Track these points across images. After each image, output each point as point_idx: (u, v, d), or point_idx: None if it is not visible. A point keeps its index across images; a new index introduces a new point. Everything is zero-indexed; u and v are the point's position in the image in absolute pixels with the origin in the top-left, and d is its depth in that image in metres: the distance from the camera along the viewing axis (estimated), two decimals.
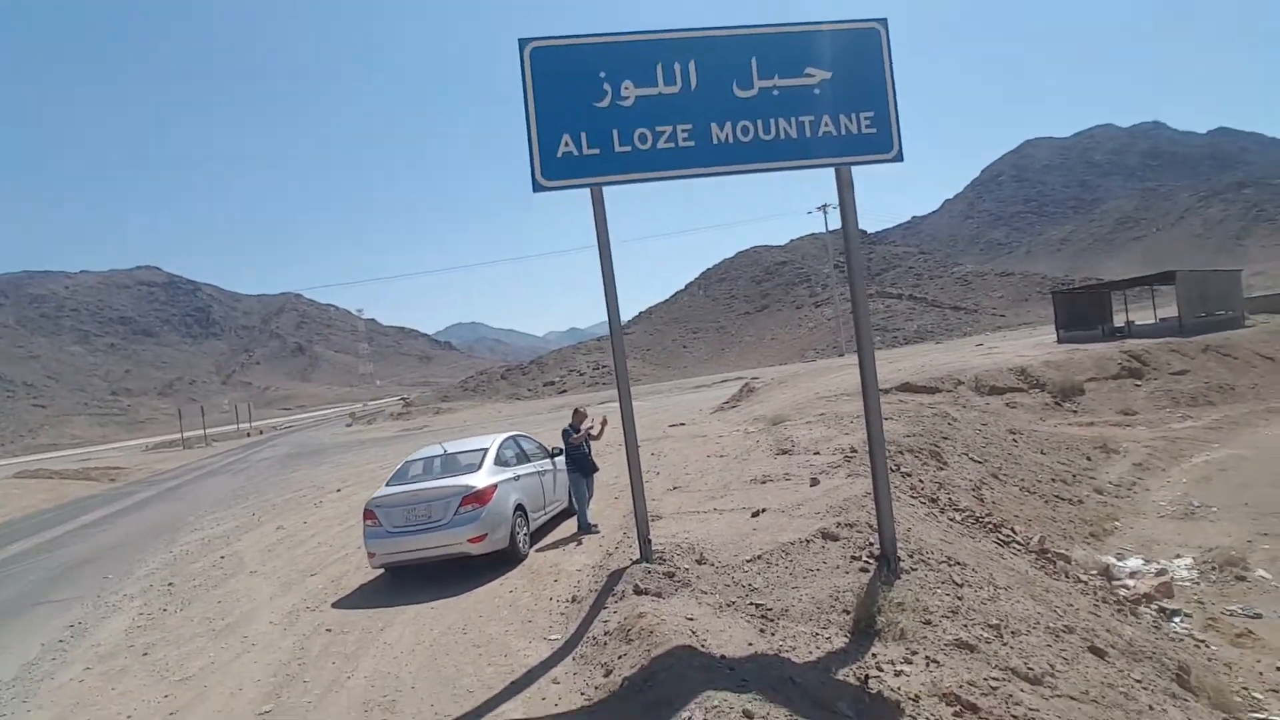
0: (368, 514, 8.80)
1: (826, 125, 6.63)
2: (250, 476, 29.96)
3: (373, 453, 32.36)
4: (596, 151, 6.45)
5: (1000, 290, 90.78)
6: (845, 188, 6.79)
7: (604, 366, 75.70)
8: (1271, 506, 12.73)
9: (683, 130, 6.49)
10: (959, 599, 6.41)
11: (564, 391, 71.46)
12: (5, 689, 7.29)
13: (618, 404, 7.45)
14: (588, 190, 6.82)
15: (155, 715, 6.04)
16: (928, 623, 5.92)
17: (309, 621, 7.86)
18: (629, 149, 6.45)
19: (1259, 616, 8.95)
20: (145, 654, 7.59)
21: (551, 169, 6.42)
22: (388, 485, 9.47)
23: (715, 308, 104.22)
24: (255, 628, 7.95)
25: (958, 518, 9.81)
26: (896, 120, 6.77)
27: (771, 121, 6.56)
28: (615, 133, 6.44)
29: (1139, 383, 23.79)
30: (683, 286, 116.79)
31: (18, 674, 7.69)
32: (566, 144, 6.42)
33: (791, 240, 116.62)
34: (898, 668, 5.27)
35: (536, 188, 6.46)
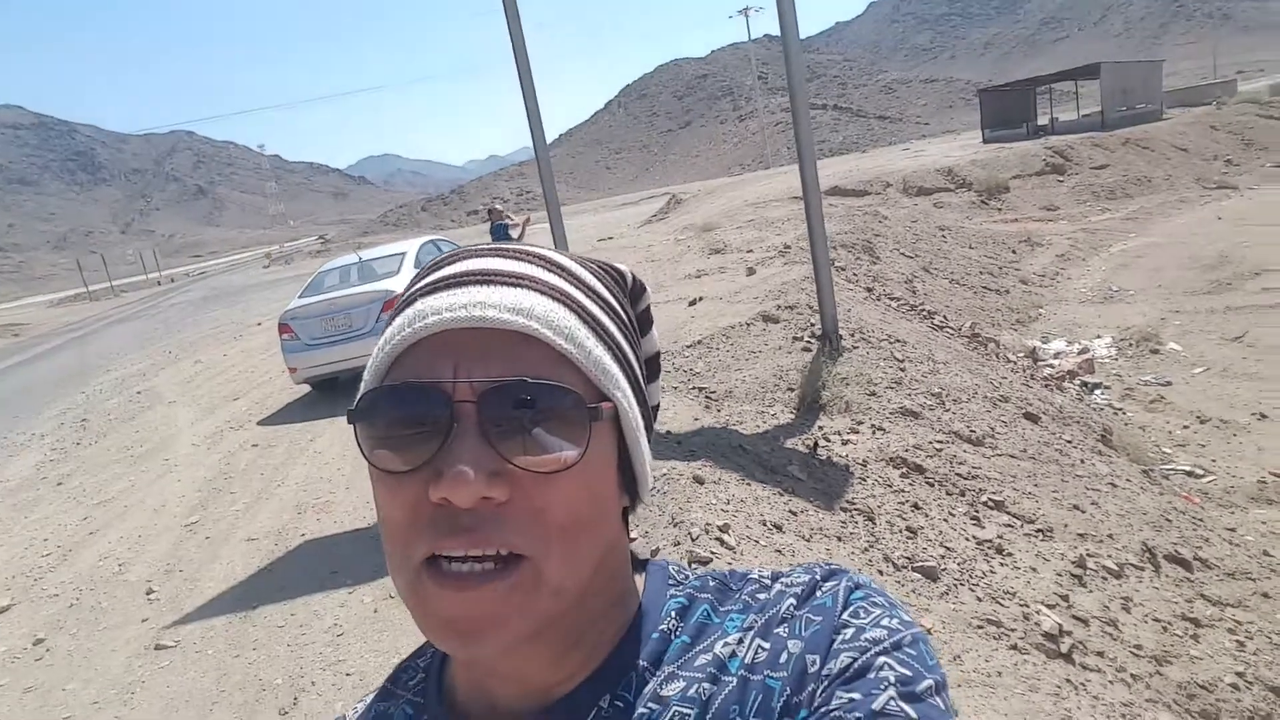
0: (283, 328, 8.24)
1: None
2: (165, 320, 28.48)
3: (293, 288, 30.85)
4: None
5: (925, 98, 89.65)
6: None
7: (529, 192, 73.40)
8: (1181, 287, 13.22)
9: None
10: (901, 371, 6.37)
11: (487, 220, 69.38)
12: None
13: (548, 222, 6.89)
14: None
15: (74, 536, 5.73)
16: (872, 394, 5.88)
17: (234, 440, 7.48)
18: None
19: (1169, 384, 9.39)
20: (59, 484, 7.18)
21: None
22: (301, 296, 8.85)
23: (637, 126, 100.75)
24: (177, 450, 7.54)
25: (894, 305, 9.81)
26: None
27: None
28: None
29: (1061, 179, 24.02)
30: (602, 106, 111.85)
31: None
32: None
33: (712, 51, 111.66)
34: (845, 436, 5.22)
35: None
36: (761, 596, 0.58)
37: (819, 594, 0.56)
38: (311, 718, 3.15)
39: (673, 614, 0.59)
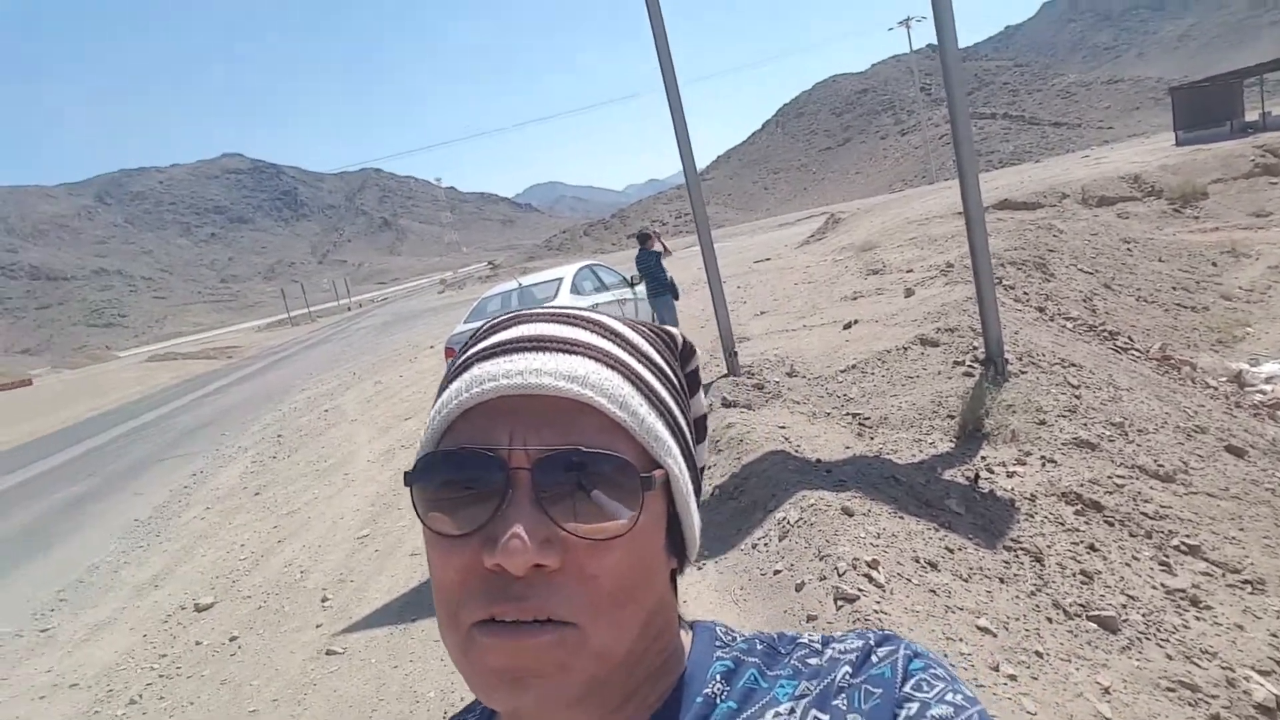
0: (449, 352, 8.78)
1: None
2: (351, 343, 31.12)
3: (463, 312, 32.95)
4: None
5: (1107, 100, 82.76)
6: None
7: (686, 214, 74.22)
8: None
9: None
10: (1076, 398, 5.89)
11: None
12: (141, 526, 8.00)
13: (698, 245, 7.00)
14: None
15: (266, 543, 6.38)
16: (1042, 423, 5.47)
17: (404, 458, 8.05)
18: None
19: None
20: (257, 494, 8.01)
21: None
22: (465, 322, 9.40)
23: (795, 145, 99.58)
24: (355, 467, 8.22)
25: (1069, 325, 9.10)
26: None
27: None
28: None
29: (1275, 180, 21.39)
30: (759, 126, 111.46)
31: (151, 514, 8.42)
32: None
33: (872, 65, 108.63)
34: (1010, 468, 4.89)
35: None
36: (813, 662, 0.57)
37: (875, 662, 0.55)
38: None
39: (718, 677, 0.58)
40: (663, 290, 9.50)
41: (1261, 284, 14.03)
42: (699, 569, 4.05)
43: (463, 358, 0.59)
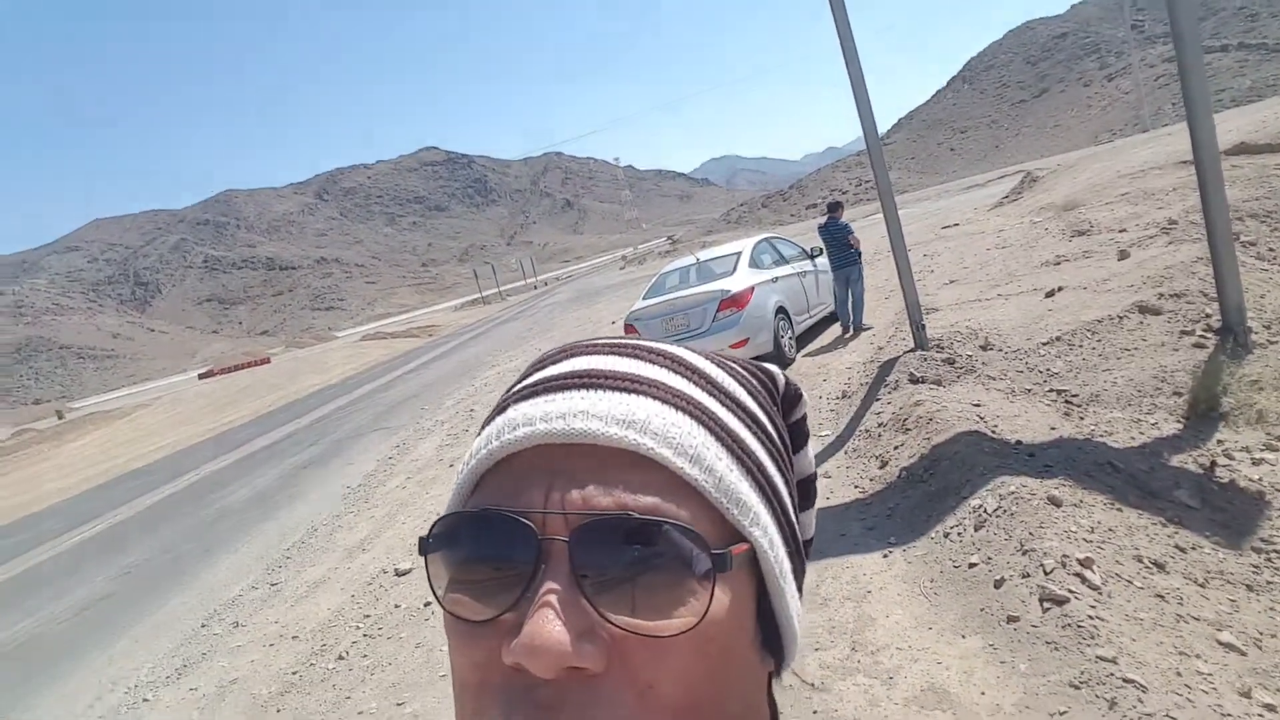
0: (628, 328, 8.89)
1: None
2: (537, 320, 32.58)
3: (644, 287, 33.60)
4: None
5: None
6: None
7: (866, 181, 71.19)
8: None
9: None
10: None
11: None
12: (354, 493, 8.80)
13: (880, 212, 6.62)
14: None
15: None
16: None
17: None
18: None
19: None
20: (451, 465, 8.56)
21: None
22: (644, 298, 9.49)
23: (984, 101, 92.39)
24: None
25: None
26: None
27: None
28: None
29: None
30: (944, 84, 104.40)
31: (361, 481, 9.25)
32: None
33: (1072, 6, 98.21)
34: (1256, 455, 4.23)
35: None
36: None
37: None
38: None
39: None
40: (851, 260, 9.12)
41: None
42: (884, 556, 3.82)
43: (506, 394, 0.49)
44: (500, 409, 0.47)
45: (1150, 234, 9.31)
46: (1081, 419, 4.76)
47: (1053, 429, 4.52)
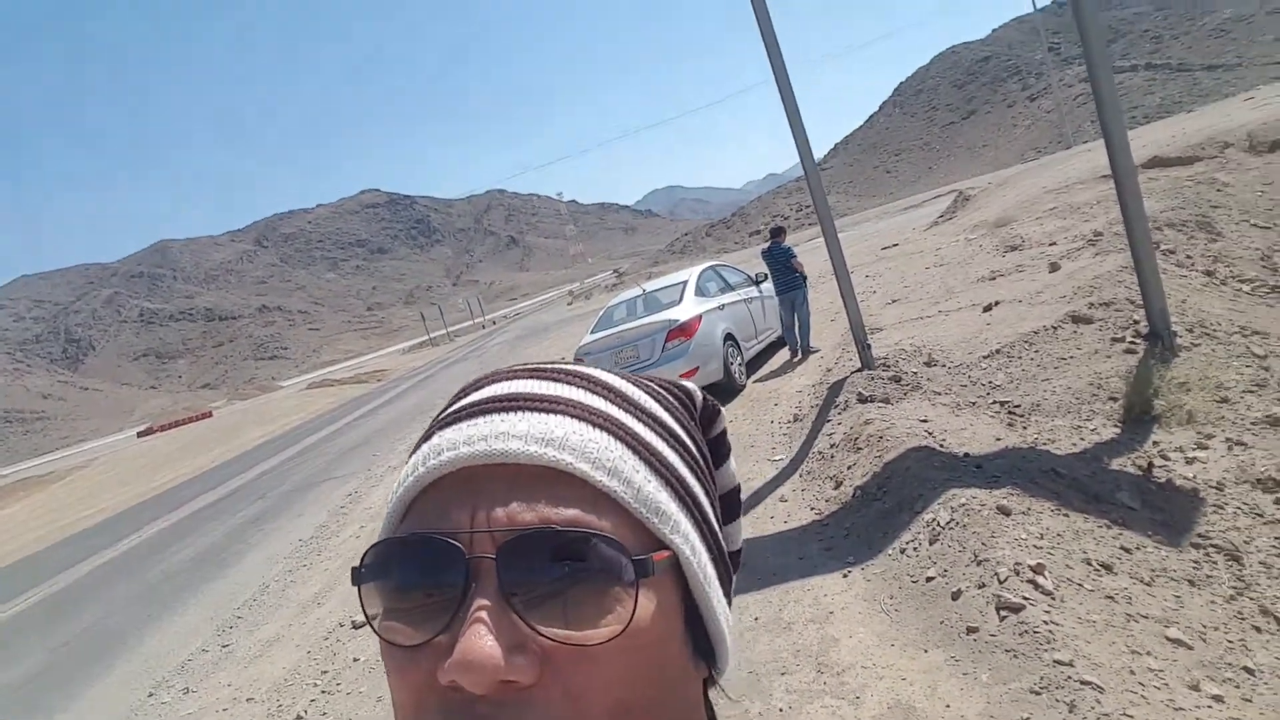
0: (577, 362, 8.89)
1: None
2: (486, 360, 32.36)
3: (591, 322, 33.69)
4: None
5: (1271, 32, 74.34)
6: None
7: (807, 206, 72.64)
8: None
9: None
10: (1264, 370, 5.25)
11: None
12: (305, 546, 8.57)
13: (821, 235, 6.80)
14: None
15: None
16: (1224, 401, 4.91)
17: None
18: None
19: None
20: None
21: None
22: (592, 333, 9.50)
23: (915, 124, 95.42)
24: None
25: (1245, 288, 8.17)
26: None
27: None
28: None
29: None
30: (876, 108, 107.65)
31: (314, 534, 9.00)
32: None
33: (993, 30, 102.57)
34: (1190, 454, 4.40)
35: None
36: None
37: None
38: None
39: None
40: (795, 284, 9.27)
41: None
42: (844, 576, 3.86)
43: (429, 425, 0.51)
44: (425, 437, 0.48)
45: (1078, 246, 9.70)
46: (1025, 428, 4.90)
47: (998, 439, 4.64)
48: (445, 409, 0.51)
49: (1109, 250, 8.47)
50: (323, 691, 4.66)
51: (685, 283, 9.33)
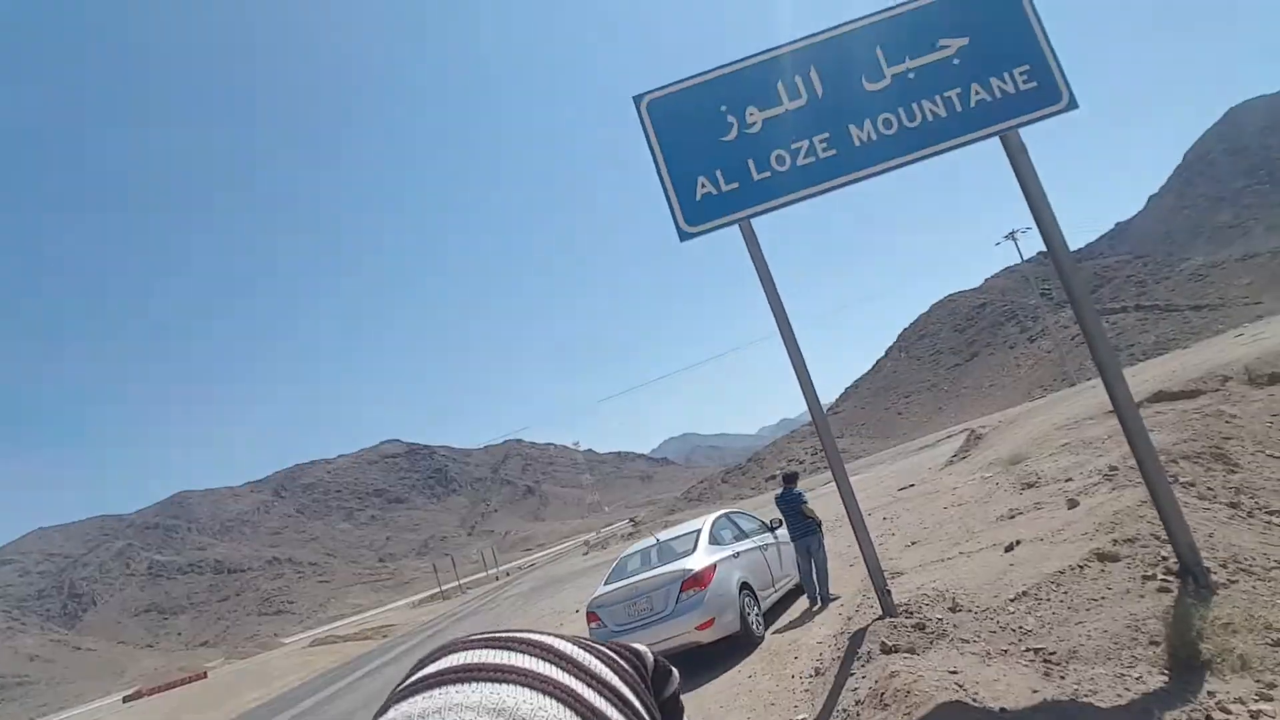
0: (590, 616, 8.53)
1: (978, 93, 5.90)
2: (499, 613, 31.11)
3: (605, 573, 32.75)
4: (735, 186, 6.10)
5: (1247, 275, 78.74)
6: (1018, 154, 5.93)
7: (821, 451, 73.22)
8: None
9: (820, 141, 6.02)
10: None
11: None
12: None
13: (831, 476, 6.86)
14: (738, 229, 6.45)
15: None
16: (1277, 643, 4.59)
17: None
18: (768, 174, 6.05)
19: None
20: None
21: (693, 213, 6.12)
22: (605, 584, 9.19)
23: (921, 367, 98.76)
24: None
25: (1275, 520, 7.94)
26: (1058, 66, 5.90)
27: (914, 107, 5.94)
28: (750, 162, 6.08)
29: None
30: (883, 353, 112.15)
31: None
32: (704, 185, 6.11)
33: (986, 280, 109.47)
34: (1251, 706, 4.05)
35: (683, 236, 6.15)
36: None
37: None
38: None
39: None
40: (809, 530, 9.13)
41: None
42: None
43: (389, 698, 0.52)
44: (382, 711, 0.49)
45: (1094, 481, 9.60)
46: (1063, 678, 4.55)
47: (1035, 691, 4.29)
48: (403, 681, 0.52)
49: (1125, 485, 8.38)
50: None
51: (699, 531, 9.20)
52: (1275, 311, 59.35)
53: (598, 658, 0.54)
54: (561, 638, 0.54)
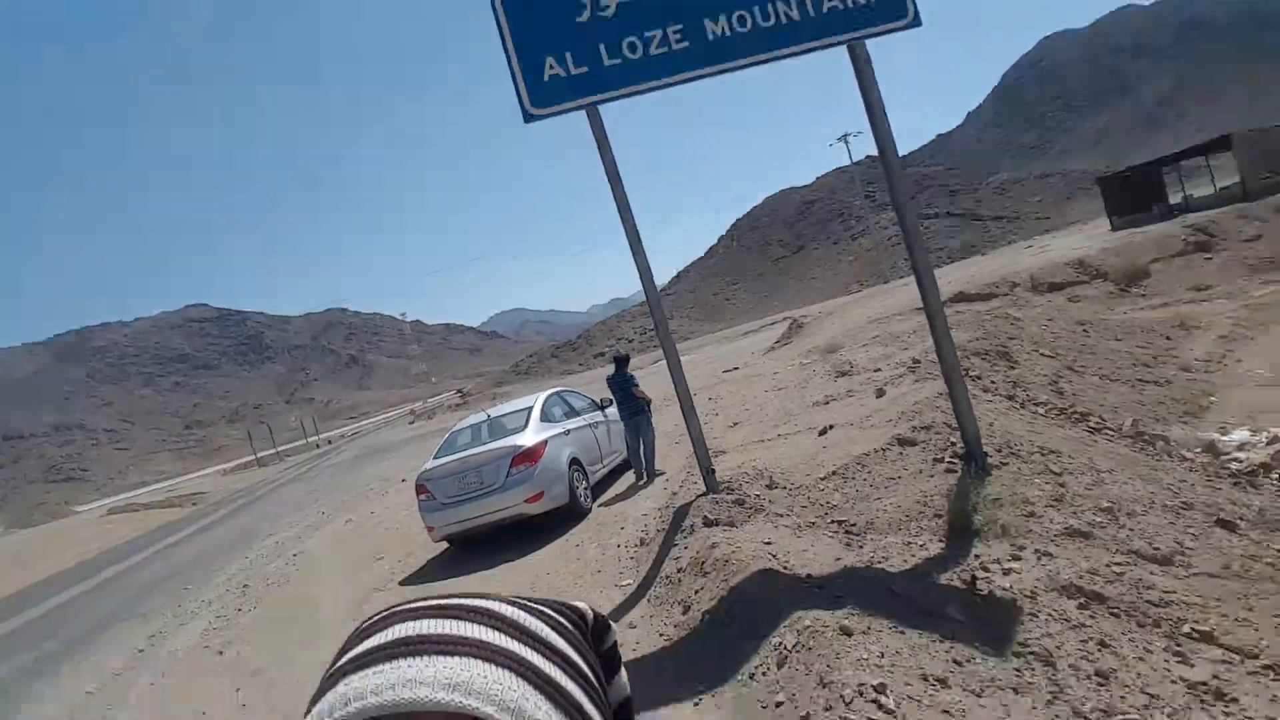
0: (419, 488, 8.54)
1: (831, 1, 5.95)
2: (321, 482, 30.40)
3: (435, 442, 32.48)
4: (584, 70, 5.87)
5: (1040, 193, 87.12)
6: (862, 65, 6.11)
7: (650, 331, 75.20)
8: None
9: (674, 31, 5.87)
10: (1061, 486, 5.82)
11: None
12: (93, 698, 7.39)
13: (662, 355, 7.05)
14: (584, 115, 6.24)
15: (228, 709, 5.92)
16: (1031, 515, 5.37)
17: (378, 603, 7.66)
18: (619, 61, 5.86)
19: None
20: (220, 653, 7.57)
21: (540, 95, 5.86)
22: (435, 457, 9.19)
23: (751, 256, 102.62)
24: (324, 616, 7.82)
25: (1040, 410, 9.14)
26: None
27: (769, 6, 5.90)
28: (602, 47, 5.86)
29: (1208, 256, 22.36)
30: (716, 240, 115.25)
31: (106, 681, 7.79)
32: (551, 66, 5.84)
33: (818, 178, 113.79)
34: (1005, 565, 4.74)
35: (527, 118, 5.90)
36: None
37: None
38: None
39: None
40: (639, 410, 9.48)
41: (1216, 353, 14.38)
42: (695, 705, 3.77)
43: (333, 667, 0.50)
44: (330, 681, 0.49)
45: (899, 373, 10.55)
46: (861, 547, 5.11)
47: (838, 559, 4.80)
48: (350, 649, 0.51)
49: (926, 378, 9.25)
50: None
51: (530, 408, 9.31)
52: (1060, 226, 66.29)
53: (543, 620, 0.54)
54: (504, 600, 0.54)
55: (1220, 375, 13.14)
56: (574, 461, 8.88)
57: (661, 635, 4.75)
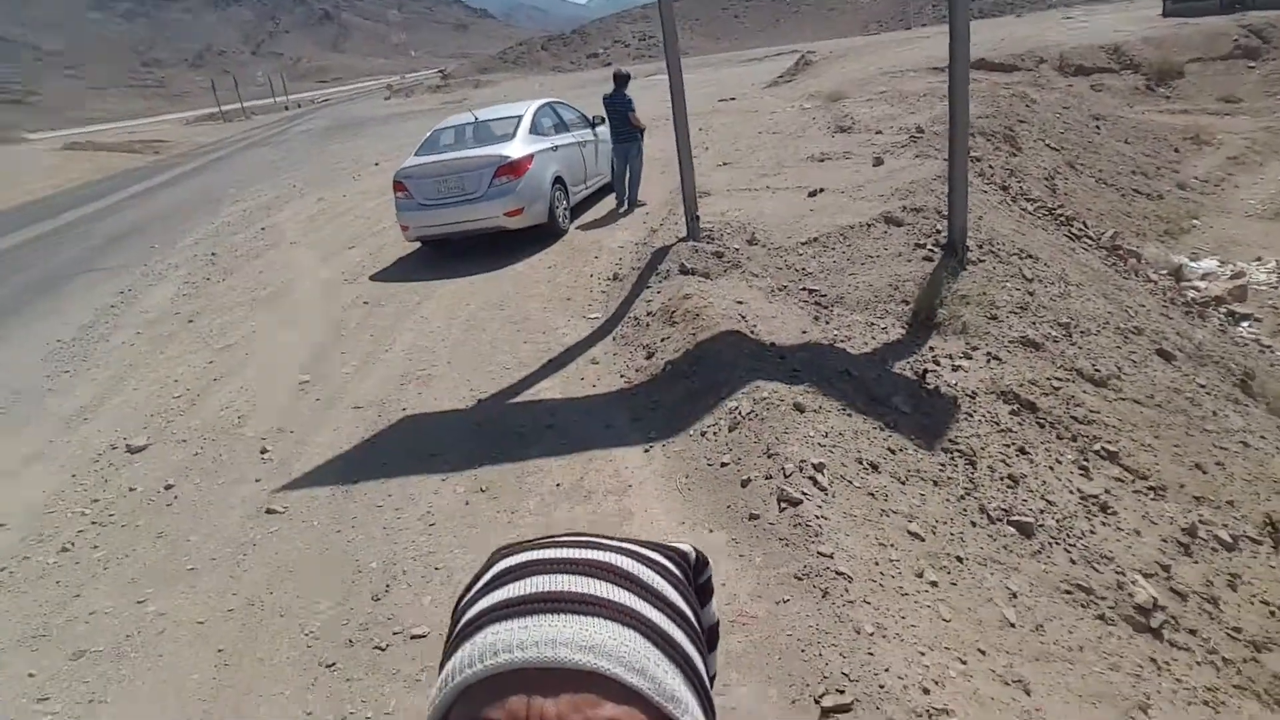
0: (397, 185, 8.33)
1: None
2: (290, 149, 29.42)
3: (411, 126, 31.09)
4: None
5: None
6: None
7: (650, 38, 70.06)
8: None
9: None
10: (1029, 294, 5.94)
11: (608, 64, 66.81)
12: (65, 348, 7.58)
13: (666, 75, 6.58)
14: None
15: (201, 379, 6.17)
16: (993, 318, 5.53)
17: (347, 293, 7.80)
18: None
19: None
20: (190, 321, 7.70)
21: None
22: (417, 155, 8.87)
23: None
24: (294, 298, 7.94)
25: (1029, 208, 9.07)
26: None
27: None
28: None
29: (1253, 64, 21.03)
30: None
31: (76, 335, 7.95)
32: None
33: None
34: (956, 362, 4.97)
35: None
36: None
37: None
38: (400, 608, 3.35)
39: None
40: (631, 136, 9.12)
41: (1217, 175, 14.14)
42: (645, 451, 4.08)
43: (473, 611, 0.57)
44: (476, 627, 0.54)
45: (901, 141, 10.19)
46: (827, 322, 5.27)
47: (804, 332, 4.96)
48: (488, 594, 0.57)
49: (928, 154, 8.97)
50: (93, 522, 4.34)
51: (520, 117, 8.86)
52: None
53: (655, 570, 0.59)
54: (621, 552, 0.59)
55: (1213, 199, 13.04)
56: (558, 180, 8.68)
57: (622, 376, 4.98)
